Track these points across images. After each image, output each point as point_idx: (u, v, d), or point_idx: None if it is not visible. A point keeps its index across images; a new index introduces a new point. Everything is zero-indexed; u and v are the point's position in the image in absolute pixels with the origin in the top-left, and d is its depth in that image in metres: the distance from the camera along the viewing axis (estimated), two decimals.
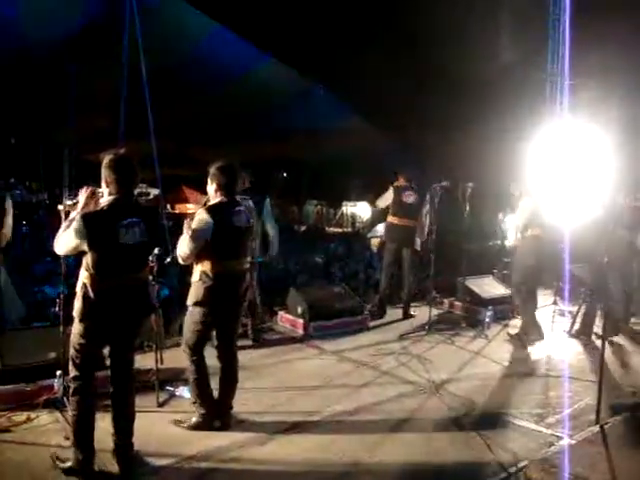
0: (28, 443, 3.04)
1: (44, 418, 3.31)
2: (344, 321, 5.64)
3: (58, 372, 3.41)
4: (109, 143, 4.00)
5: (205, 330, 3.28)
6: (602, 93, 8.19)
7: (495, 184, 7.52)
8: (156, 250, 3.39)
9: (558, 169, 5.39)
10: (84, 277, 2.67)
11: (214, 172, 3.24)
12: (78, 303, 2.68)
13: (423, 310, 6.16)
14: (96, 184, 2.78)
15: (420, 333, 5.62)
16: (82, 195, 2.72)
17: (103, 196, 2.74)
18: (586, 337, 5.48)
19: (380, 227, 8.27)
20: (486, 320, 5.73)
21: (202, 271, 3.18)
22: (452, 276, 6.95)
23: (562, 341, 5.51)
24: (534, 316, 5.38)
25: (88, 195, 2.70)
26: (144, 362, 3.92)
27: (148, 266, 3.00)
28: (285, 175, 15.76)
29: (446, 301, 6.76)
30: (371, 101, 9.84)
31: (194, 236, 3.10)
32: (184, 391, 3.68)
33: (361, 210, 21.45)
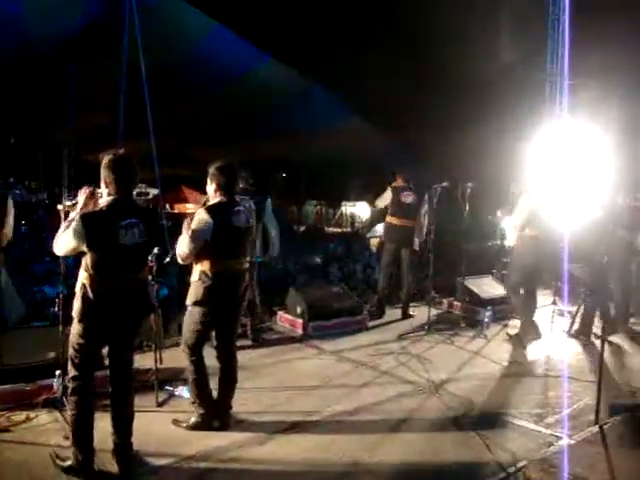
0: (27, 443, 3.04)
1: (43, 418, 3.31)
2: (343, 321, 5.64)
3: (57, 372, 3.42)
4: (109, 143, 4.00)
5: (204, 330, 3.28)
6: (602, 93, 8.20)
7: (495, 184, 7.51)
8: (155, 250, 3.40)
9: (558, 169, 5.40)
10: (83, 277, 2.67)
11: (213, 172, 3.24)
12: (77, 303, 2.68)
13: (422, 310, 6.17)
14: (95, 184, 2.78)
15: (419, 333, 5.62)
16: (81, 195, 2.72)
17: (102, 196, 2.74)
18: (585, 337, 5.49)
19: (379, 227, 8.26)
20: (485, 320, 5.74)
21: (201, 271, 3.18)
22: (451, 276, 6.95)
23: (561, 341, 5.51)
24: (532, 316, 5.39)
25: (87, 195, 2.71)
26: (143, 362, 3.92)
27: (147, 266, 3.00)
28: (284, 175, 15.75)
29: (445, 301, 6.76)
30: (371, 101, 9.82)
31: (194, 236, 3.10)
32: (183, 391, 3.68)
33: (360, 210, 21.43)
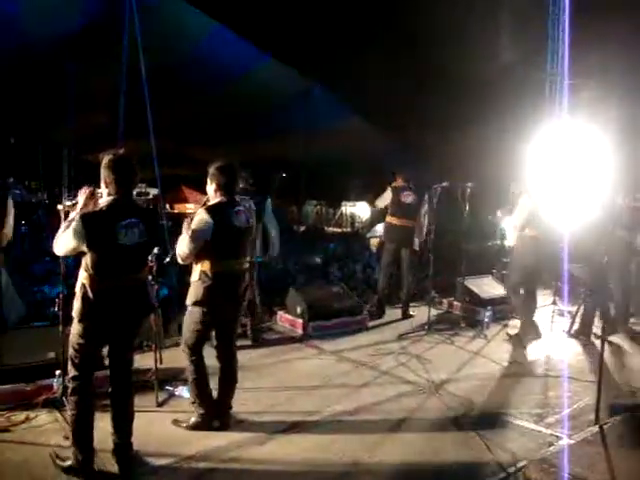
0: (27, 443, 3.04)
1: (43, 418, 3.31)
2: (343, 321, 5.64)
3: (57, 372, 3.42)
4: (108, 142, 4.00)
5: (204, 330, 3.28)
6: (602, 93, 8.20)
7: (495, 184, 7.51)
8: (155, 249, 3.39)
9: (557, 169, 5.39)
10: (83, 278, 2.67)
11: (213, 172, 3.24)
12: (77, 303, 2.68)
13: (422, 310, 6.17)
14: (95, 184, 2.78)
15: (419, 333, 5.62)
16: (81, 195, 2.72)
17: (102, 196, 2.74)
18: (585, 337, 5.49)
19: (379, 227, 8.26)
20: (485, 320, 5.74)
21: (201, 271, 3.18)
22: (451, 276, 6.95)
23: (561, 341, 5.52)
24: (532, 316, 5.38)
25: (87, 195, 2.70)
26: (143, 362, 3.92)
27: (147, 266, 2.99)
28: (284, 175, 15.73)
29: (445, 301, 6.76)
30: (371, 101, 9.82)
31: (194, 236, 3.10)
32: (183, 391, 3.68)
33: (360, 210, 21.42)
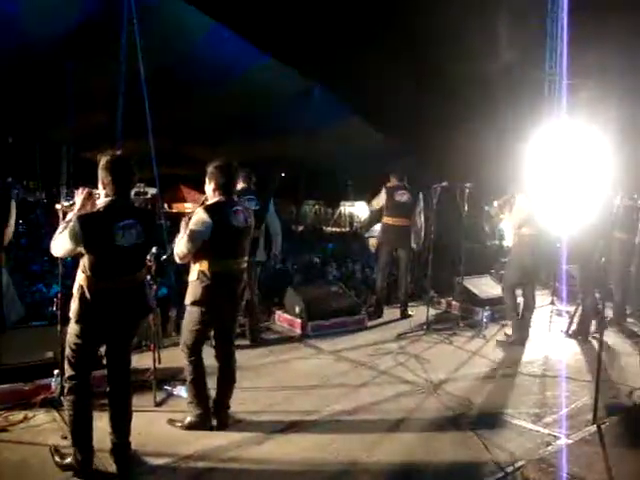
0: (25, 443, 3.03)
1: (41, 417, 3.30)
2: (342, 321, 5.63)
3: (55, 371, 3.40)
4: (107, 142, 4.00)
5: (203, 329, 3.27)
6: (601, 93, 8.21)
7: (493, 184, 7.52)
8: (154, 249, 3.39)
9: (556, 169, 5.39)
10: (81, 279, 2.66)
11: (212, 171, 3.23)
12: (75, 304, 2.67)
13: (421, 310, 6.17)
14: (93, 183, 2.77)
15: (418, 333, 5.61)
16: (79, 196, 2.70)
17: (100, 197, 2.73)
18: (583, 337, 5.49)
19: (378, 227, 8.26)
20: (484, 320, 5.74)
21: (200, 270, 3.18)
22: (450, 276, 6.95)
23: (559, 341, 5.52)
24: (530, 316, 5.38)
25: (85, 196, 2.69)
26: (142, 361, 3.91)
27: (145, 267, 2.98)
28: (283, 175, 15.74)
29: (444, 301, 6.76)
30: (371, 101, 9.84)
31: (192, 236, 3.09)
32: (182, 390, 3.67)
33: (359, 210, 21.45)
